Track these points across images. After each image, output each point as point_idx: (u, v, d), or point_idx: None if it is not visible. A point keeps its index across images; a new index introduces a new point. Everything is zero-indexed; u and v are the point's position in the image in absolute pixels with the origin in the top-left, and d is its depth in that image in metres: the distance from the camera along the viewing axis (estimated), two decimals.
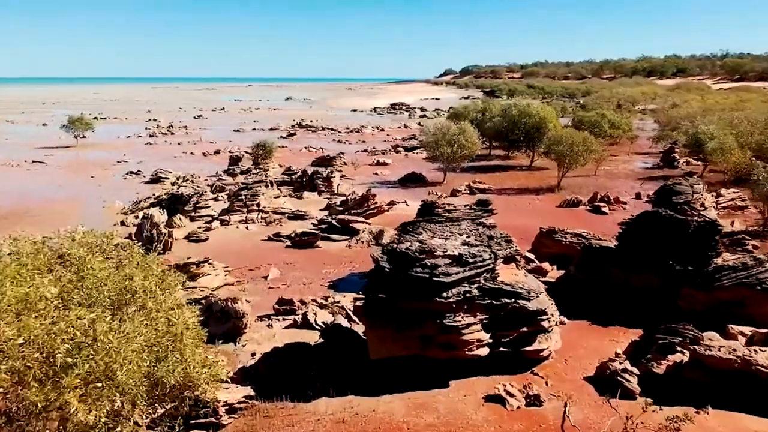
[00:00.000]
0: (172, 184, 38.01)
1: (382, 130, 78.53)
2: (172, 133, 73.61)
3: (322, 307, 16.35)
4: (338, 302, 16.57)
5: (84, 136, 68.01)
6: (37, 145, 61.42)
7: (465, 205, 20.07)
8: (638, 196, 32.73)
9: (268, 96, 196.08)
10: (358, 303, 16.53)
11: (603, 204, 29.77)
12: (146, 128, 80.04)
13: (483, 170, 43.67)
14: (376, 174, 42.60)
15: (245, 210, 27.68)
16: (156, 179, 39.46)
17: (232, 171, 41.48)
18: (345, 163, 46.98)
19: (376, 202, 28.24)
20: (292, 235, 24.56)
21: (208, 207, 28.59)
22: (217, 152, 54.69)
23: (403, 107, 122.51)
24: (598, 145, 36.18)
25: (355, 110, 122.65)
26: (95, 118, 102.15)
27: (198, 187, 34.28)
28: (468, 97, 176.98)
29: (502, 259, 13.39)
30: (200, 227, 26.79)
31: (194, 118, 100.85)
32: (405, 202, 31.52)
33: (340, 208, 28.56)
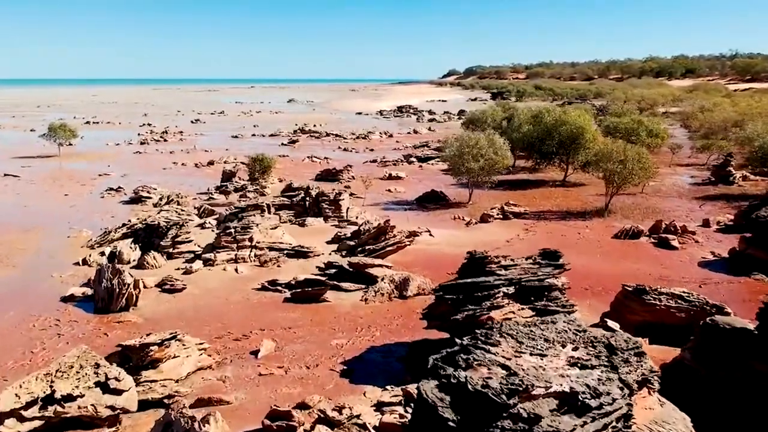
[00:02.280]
0: (155, 205, 32.86)
1: (391, 135, 73.35)
2: (165, 140, 68.52)
3: (333, 425, 11.11)
4: (357, 416, 11.33)
5: (71, 144, 63.12)
6: (17, 153, 56.43)
7: (526, 258, 14.86)
8: (706, 223, 27.39)
9: (270, 98, 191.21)
10: (387, 418, 11.34)
11: (671, 236, 24.44)
12: (139, 134, 75.02)
13: (510, 186, 38.40)
14: (389, 191, 37.35)
15: (235, 246, 22.46)
16: (137, 199, 34.27)
17: (225, 188, 36.29)
18: (353, 177, 41.82)
19: (394, 235, 23.01)
20: (293, 282, 19.36)
21: (190, 241, 23.36)
22: (210, 163, 49.50)
23: (411, 110, 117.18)
24: (651, 160, 30.82)
25: (360, 113, 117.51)
26: (87, 122, 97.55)
27: (182, 210, 29.19)
28: (475, 99, 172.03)
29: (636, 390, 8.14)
30: (179, 268, 21.62)
31: (191, 122, 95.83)
32: (428, 231, 26.30)
33: (352, 243, 23.33)
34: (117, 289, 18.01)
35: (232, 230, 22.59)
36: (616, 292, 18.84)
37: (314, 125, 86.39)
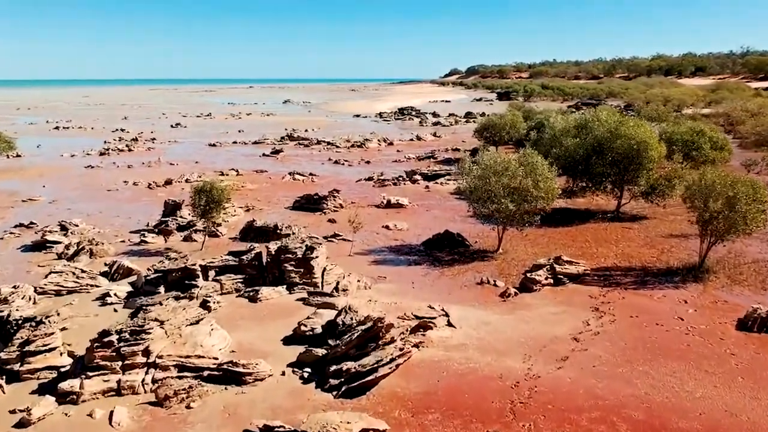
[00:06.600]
0: (59, 256, 23.59)
1: (391, 143, 63.90)
2: (131, 150, 59.16)
3: None
4: None
5: (19, 155, 54.15)
6: None
7: None
8: None
9: (266, 99, 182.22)
10: None
11: None
12: (105, 141, 65.77)
13: (548, 220, 28.80)
14: (387, 228, 27.97)
15: (119, 365, 13.15)
16: (41, 244, 24.98)
17: (166, 226, 26.98)
18: (341, 205, 32.52)
19: (392, 338, 13.74)
20: None
21: (52, 349, 13.98)
22: (168, 183, 40.17)
23: (413, 112, 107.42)
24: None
25: (357, 116, 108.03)
26: (57, 127, 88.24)
27: (83, 272, 19.94)
28: (480, 99, 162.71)
29: None
30: (14, 410, 12.35)
31: (171, 126, 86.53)
32: (445, 313, 16.88)
33: (321, 352, 14.02)
34: None
35: (115, 337, 13.24)
36: None
37: (305, 130, 77.10)
